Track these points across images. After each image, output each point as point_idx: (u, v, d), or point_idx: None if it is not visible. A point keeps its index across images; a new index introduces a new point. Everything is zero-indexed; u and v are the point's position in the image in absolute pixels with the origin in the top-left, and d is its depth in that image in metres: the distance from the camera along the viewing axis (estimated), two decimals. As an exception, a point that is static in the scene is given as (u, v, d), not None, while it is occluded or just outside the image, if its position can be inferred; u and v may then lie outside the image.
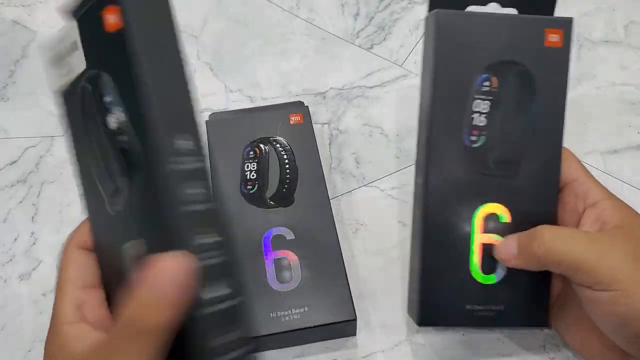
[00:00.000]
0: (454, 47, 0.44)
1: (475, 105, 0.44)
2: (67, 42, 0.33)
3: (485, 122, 0.44)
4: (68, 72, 0.34)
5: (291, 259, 0.53)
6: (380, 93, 0.68)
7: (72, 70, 0.34)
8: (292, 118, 0.62)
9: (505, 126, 0.45)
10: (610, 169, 0.61)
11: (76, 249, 0.37)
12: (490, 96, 0.44)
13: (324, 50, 0.73)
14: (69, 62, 0.34)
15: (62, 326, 0.35)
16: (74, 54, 0.33)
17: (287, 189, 0.57)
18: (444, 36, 0.44)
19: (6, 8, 0.78)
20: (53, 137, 0.66)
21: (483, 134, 0.45)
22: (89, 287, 0.37)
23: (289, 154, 0.59)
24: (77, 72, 0.33)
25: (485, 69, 0.44)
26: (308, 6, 0.77)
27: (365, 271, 0.56)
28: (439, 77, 0.44)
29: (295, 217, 0.55)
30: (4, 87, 0.71)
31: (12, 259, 0.58)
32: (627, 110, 0.65)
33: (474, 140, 0.45)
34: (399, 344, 0.52)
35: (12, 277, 0.57)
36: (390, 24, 0.74)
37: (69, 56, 0.34)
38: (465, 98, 0.44)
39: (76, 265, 0.36)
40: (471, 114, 0.44)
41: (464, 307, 0.47)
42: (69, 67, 0.34)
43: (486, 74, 0.44)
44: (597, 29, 0.72)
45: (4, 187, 0.63)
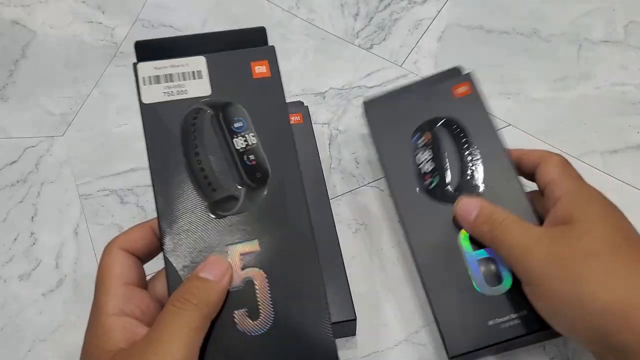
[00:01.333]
0: (385, 124, 0.55)
1: (418, 158, 0.52)
2: (187, 69, 0.41)
3: (432, 167, 0.52)
4: (178, 92, 0.41)
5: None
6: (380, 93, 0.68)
7: (185, 92, 0.41)
8: (292, 118, 0.61)
9: (451, 165, 0.52)
10: (610, 169, 0.61)
11: (120, 250, 0.38)
12: (429, 147, 0.53)
13: (324, 50, 0.73)
14: (184, 85, 0.41)
15: (106, 317, 0.36)
16: (195, 81, 0.41)
17: None
18: (374, 121, 0.55)
19: (6, 8, 0.78)
20: (53, 137, 0.66)
21: (435, 175, 0.52)
22: (132, 285, 0.38)
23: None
24: (193, 96, 0.41)
25: (416, 129, 0.54)
26: (308, 6, 0.77)
27: (365, 271, 0.56)
28: (382, 149, 0.54)
29: None
30: (3, 87, 0.71)
31: (11, 259, 0.58)
32: (627, 110, 0.65)
33: (430, 182, 0.52)
34: (399, 344, 0.52)
35: (12, 277, 0.57)
36: (390, 24, 0.74)
37: (185, 80, 0.41)
38: (409, 156, 0.53)
39: (120, 264, 0.38)
40: (418, 165, 0.52)
41: (485, 324, 0.46)
42: (182, 89, 0.41)
43: (418, 132, 0.54)
44: (597, 29, 0.72)
45: (3, 187, 0.63)
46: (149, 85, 0.41)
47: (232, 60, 0.42)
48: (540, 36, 0.72)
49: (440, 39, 0.72)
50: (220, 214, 0.40)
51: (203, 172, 0.40)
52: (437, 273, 0.49)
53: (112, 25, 0.76)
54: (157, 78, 0.41)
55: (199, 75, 0.42)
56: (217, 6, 0.77)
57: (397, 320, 0.53)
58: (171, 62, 0.41)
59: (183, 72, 0.41)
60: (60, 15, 0.77)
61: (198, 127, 0.41)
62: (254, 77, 0.42)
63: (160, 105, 0.41)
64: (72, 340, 0.53)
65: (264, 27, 0.43)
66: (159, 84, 0.41)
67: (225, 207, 0.40)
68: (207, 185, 0.40)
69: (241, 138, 0.41)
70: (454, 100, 0.54)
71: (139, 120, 0.41)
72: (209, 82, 0.42)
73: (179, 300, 0.35)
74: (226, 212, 0.40)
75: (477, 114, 0.53)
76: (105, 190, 0.62)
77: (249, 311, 0.38)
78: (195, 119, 0.41)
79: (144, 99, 0.41)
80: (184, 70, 0.41)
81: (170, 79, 0.41)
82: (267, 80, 0.43)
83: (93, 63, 0.73)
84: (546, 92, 0.67)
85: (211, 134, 0.41)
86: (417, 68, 0.70)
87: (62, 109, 0.69)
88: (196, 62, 0.42)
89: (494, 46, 0.71)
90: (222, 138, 0.41)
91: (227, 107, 0.41)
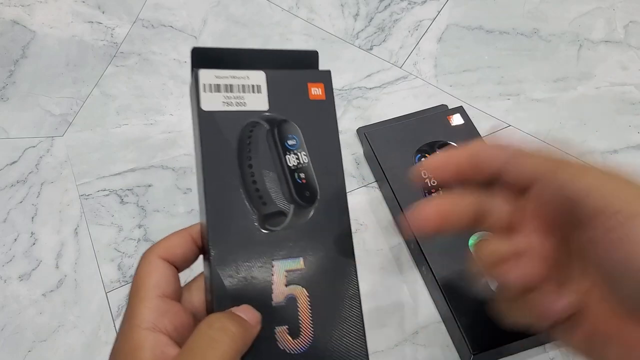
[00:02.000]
0: (386, 146, 0.60)
1: (423, 174, 0.53)
2: (247, 82, 0.42)
3: (435, 182, 0.52)
4: (237, 104, 0.41)
5: None
6: (379, 94, 0.68)
7: (244, 104, 0.41)
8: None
9: None
10: (610, 169, 0.61)
11: (158, 259, 0.37)
12: None
13: (324, 50, 0.73)
14: (243, 97, 0.42)
15: (139, 330, 0.34)
16: (254, 94, 0.42)
17: None
18: (378, 142, 0.60)
19: (6, 8, 0.78)
20: (53, 138, 0.66)
21: (440, 189, 0.55)
22: (168, 297, 0.36)
23: None
24: (252, 109, 0.41)
25: (416, 151, 0.59)
26: (308, 6, 0.77)
27: (365, 271, 0.56)
28: (388, 168, 0.59)
29: None
30: (3, 87, 0.71)
31: (12, 259, 0.58)
32: (627, 110, 0.65)
33: None
34: (398, 344, 0.52)
35: (12, 278, 0.57)
36: (390, 25, 0.74)
37: (245, 93, 0.42)
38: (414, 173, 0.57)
39: (158, 273, 0.36)
40: (424, 180, 0.55)
41: None
42: (241, 101, 0.41)
43: (419, 154, 0.59)
44: (597, 28, 0.72)
45: (3, 187, 0.63)
46: (209, 92, 0.41)
47: (291, 79, 0.43)
48: (540, 36, 0.72)
49: (440, 40, 0.72)
50: (268, 227, 0.40)
51: (255, 185, 0.41)
52: (451, 275, 0.51)
53: (112, 25, 0.76)
54: (218, 87, 0.41)
55: (259, 89, 0.42)
56: (217, 6, 0.77)
57: (397, 320, 0.53)
58: (232, 73, 0.41)
59: (243, 85, 0.42)
60: (60, 15, 0.77)
61: (254, 141, 0.41)
62: (310, 98, 0.43)
63: (219, 114, 0.41)
64: (72, 341, 0.53)
65: (317, 51, 0.44)
66: (219, 92, 0.41)
67: (274, 222, 0.40)
68: (258, 198, 0.40)
69: (294, 155, 0.41)
70: (450, 127, 0.61)
71: (139, 120, 0.41)
72: (267, 97, 0.42)
73: (216, 325, 0.33)
74: (274, 227, 0.40)
75: (472, 139, 0.60)
76: (105, 190, 0.62)
77: (289, 329, 0.37)
78: (251, 132, 0.41)
79: (203, 105, 0.41)
80: (244, 82, 0.42)
81: (230, 89, 0.41)
82: (322, 103, 0.43)
83: (93, 63, 0.73)
84: (546, 92, 0.67)
85: (265, 148, 0.41)
86: (417, 70, 0.70)
87: (62, 109, 0.69)
88: (256, 76, 0.42)
89: (494, 46, 0.71)
90: (275, 154, 0.41)
91: (283, 123, 0.42)
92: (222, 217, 0.40)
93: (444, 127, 0.61)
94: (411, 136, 0.60)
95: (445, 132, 0.60)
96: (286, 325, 0.37)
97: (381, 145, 0.60)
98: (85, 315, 0.54)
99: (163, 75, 0.71)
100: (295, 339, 0.37)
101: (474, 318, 0.49)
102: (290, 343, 0.37)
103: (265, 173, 0.41)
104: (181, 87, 0.70)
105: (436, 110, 0.64)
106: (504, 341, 0.48)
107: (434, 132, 0.60)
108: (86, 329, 0.53)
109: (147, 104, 0.68)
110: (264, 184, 0.41)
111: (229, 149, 0.41)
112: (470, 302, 0.50)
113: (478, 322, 0.49)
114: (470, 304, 0.50)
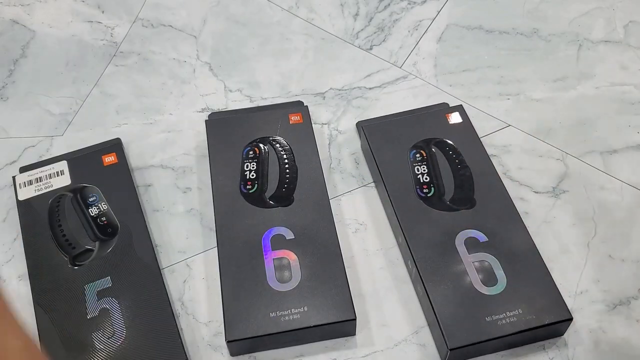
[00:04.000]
0: (383, 141, 0.60)
1: (416, 169, 0.58)
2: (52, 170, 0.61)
3: (428, 179, 0.57)
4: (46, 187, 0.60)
5: (291, 258, 0.53)
6: (379, 94, 0.68)
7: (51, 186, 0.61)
8: (291, 117, 0.61)
9: (445, 178, 0.57)
10: (610, 169, 0.61)
11: None
12: (424, 162, 0.59)
13: (324, 50, 0.73)
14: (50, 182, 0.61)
15: None
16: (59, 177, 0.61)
17: (287, 188, 0.57)
18: (374, 136, 0.61)
19: (5, 7, 0.78)
20: (52, 137, 0.66)
21: (432, 186, 0.57)
22: None
23: (288, 154, 0.59)
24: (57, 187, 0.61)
25: (412, 147, 0.60)
26: (308, 6, 0.77)
27: (365, 271, 0.56)
28: (382, 162, 0.59)
29: (295, 216, 0.55)
30: (3, 86, 0.71)
31: (11, 259, 0.58)
32: (627, 110, 0.65)
33: (427, 192, 0.56)
34: (398, 344, 0.52)
35: (11, 277, 0.57)
36: (390, 25, 0.74)
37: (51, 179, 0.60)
38: (407, 167, 0.59)
39: None
40: (416, 176, 0.58)
41: (484, 319, 0.49)
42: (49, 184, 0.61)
43: (414, 149, 0.59)
44: (597, 28, 0.72)
45: (3, 186, 0.63)
46: (25, 187, 0.59)
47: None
48: (540, 36, 0.72)
49: (440, 40, 0.72)
50: (78, 264, 0.54)
51: (65, 237, 0.56)
52: (435, 271, 0.52)
53: (111, 24, 0.76)
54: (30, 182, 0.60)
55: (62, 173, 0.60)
56: (217, 6, 0.77)
57: (397, 320, 0.53)
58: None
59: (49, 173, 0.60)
60: (60, 15, 0.77)
61: (61, 208, 0.58)
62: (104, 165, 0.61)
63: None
64: (71, 340, 0.53)
65: None
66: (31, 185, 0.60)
67: (83, 258, 0.55)
68: (68, 245, 0.55)
69: (95, 207, 0.58)
70: (448, 125, 0.61)
71: (139, 119, 0.41)
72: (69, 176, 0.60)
73: None
74: (84, 261, 0.54)
75: (469, 139, 0.60)
76: (104, 190, 0.62)
77: (104, 332, 0.50)
78: (59, 202, 0.58)
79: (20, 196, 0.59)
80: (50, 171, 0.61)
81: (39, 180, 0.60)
82: (116, 166, 0.61)
83: (93, 62, 0.72)
84: (546, 92, 0.67)
85: (71, 209, 0.58)
86: (417, 69, 0.70)
87: (61, 108, 0.69)
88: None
89: (493, 46, 0.71)
90: (79, 210, 0.57)
91: (84, 188, 0.59)
92: (39, 266, 0.55)
93: (441, 124, 0.61)
94: (408, 132, 0.61)
95: (442, 129, 0.61)
96: (100, 331, 0.50)
97: (377, 139, 0.60)
98: (85, 315, 0.54)
99: (162, 75, 0.71)
100: (109, 339, 0.50)
101: (453, 312, 0.49)
102: (106, 342, 0.50)
103: (72, 227, 0.56)
104: (180, 86, 0.70)
105: (436, 108, 0.64)
106: (482, 339, 0.48)
107: (432, 129, 0.61)
108: (86, 329, 0.53)
109: (147, 103, 0.68)
110: (71, 234, 0.56)
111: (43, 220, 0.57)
112: (451, 298, 0.50)
113: (457, 316, 0.49)
114: (451, 300, 0.50)
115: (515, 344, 0.50)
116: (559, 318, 0.48)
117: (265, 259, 0.52)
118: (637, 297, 0.53)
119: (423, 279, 0.51)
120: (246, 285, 0.51)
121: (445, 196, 0.56)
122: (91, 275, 0.54)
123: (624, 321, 0.51)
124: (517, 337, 0.48)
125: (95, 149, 0.62)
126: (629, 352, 0.50)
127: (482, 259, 0.52)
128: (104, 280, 0.53)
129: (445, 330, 0.48)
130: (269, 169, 0.58)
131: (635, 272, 0.54)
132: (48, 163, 0.61)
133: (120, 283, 0.53)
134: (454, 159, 0.58)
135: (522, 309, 0.49)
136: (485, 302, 0.49)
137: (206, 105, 0.68)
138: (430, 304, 0.50)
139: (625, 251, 0.55)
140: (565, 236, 0.56)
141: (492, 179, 0.57)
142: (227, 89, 0.69)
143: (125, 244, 0.55)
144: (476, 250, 0.52)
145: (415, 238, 0.53)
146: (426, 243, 0.53)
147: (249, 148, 0.59)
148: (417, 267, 0.52)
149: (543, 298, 0.49)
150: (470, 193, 0.56)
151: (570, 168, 0.61)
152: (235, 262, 0.52)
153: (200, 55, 0.72)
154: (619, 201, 0.58)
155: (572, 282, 0.54)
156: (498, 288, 0.50)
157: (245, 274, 0.52)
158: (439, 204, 0.55)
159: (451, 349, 0.48)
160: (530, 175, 0.61)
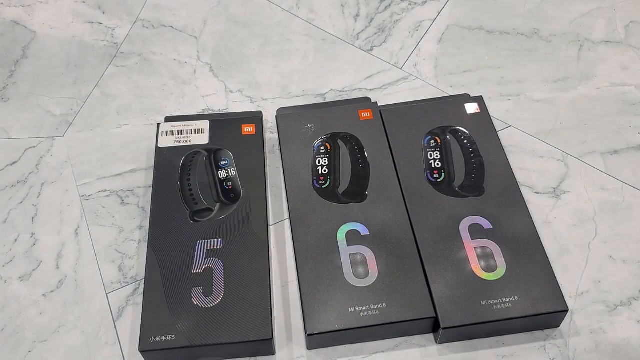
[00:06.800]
0: (401, 126, 0.61)
1: (429, 155, 0.59)
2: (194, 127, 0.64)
3: (440, 165, 0.58)
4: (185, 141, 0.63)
5: (366, 254, 0.52)
6: (380, 96, 0.68)
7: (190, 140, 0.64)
8: (361, 114, 0.62)
9: (457, 165, 0.58)
10: (611, 169, 0.61)
11: None
12: (438, 148, 0.60)
13: (324, 51, 0.73)
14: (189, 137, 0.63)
15: None
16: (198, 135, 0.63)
17: (360, 184, 0.57)
18: (391, 121, 0.62)
19: (6, 8, 0.78)
20: (53, 138, 0.66)
21: (442, 172, 0.58)
22: None
23: (361, 150, 0.60)
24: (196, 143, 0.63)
25: (428, 133, 0.61)
26: (308, 6, 0.77)
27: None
28: (396, 145, 0.60)
29: (370, 213, 0.55)
30: (4, 87, 0.71)
31: (12, 260, 0.58)
32: (627, 110, 0.65)
33: (437, 177, 0.57)
34: (398, 344, 0.52)
35: (12, 278, 0.57)
36: (391, 26, 0.74)
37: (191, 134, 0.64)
38: (421, 152, 0.60)
39: None
40: (428, 161, 0.59)
41: (479, 302, 0.50)
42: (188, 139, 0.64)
43: (429, 135, 0.60)
44: (598, 28, 0.72)
45: (4, 187, 0.63)
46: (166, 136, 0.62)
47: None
48: (540, 36, 0.72)
49: (441, 41, 0.72)
50: (196, 219, 0.56)
51: (190, 191, 0.59)
52: (436, 252, 0.53)
53: (112, 25, 0.76)
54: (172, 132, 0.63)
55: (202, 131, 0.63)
56: (218, 6, 0.77)
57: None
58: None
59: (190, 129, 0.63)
60: (61, 16, 0.77)
61: (194, 163, 0.60)
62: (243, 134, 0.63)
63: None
64: (72, 341, 0.53)
65: None
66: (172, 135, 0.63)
67: (202, 216, 0.57)
68: (192, 200, 0.58)
69: (224, 171, 0.60)
70: (466, 115, 0.62)
71: (139, 120, 0.41)
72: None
73: None
74: (202, 219, 0.56)
75: (485, 130, 0.60)
76: (105, 191, 0.62)
77: (204, 289, 0.52)
78: (193, 157, 0.61)
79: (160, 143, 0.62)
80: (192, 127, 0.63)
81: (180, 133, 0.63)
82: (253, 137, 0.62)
83: (93, 63, 0.73)
84: (546, 92, 0.67)
85: (202, 167, 0.60)
86: (418, 71, 0.70)
87: (62, 109, 0.69)
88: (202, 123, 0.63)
89: (494, 47, 0.71)
90: (209, 170, 0.60)
91: (218, 150, 0.61)
92: (161, 212, 0.57)
93: (459, 113, 0.62)
94: (426, 118, 0.62)
95: (459, 118, 0.61)
96: (201, 287, 0.52)
97: (394, 123, 0.61)
98: (86, 315, 0.54)
99: (163, 76, 0.71)
100: (207, 297, 0.52)
101: (449, 294, 0.50)
102: (203, 300, 0.51)
103: (199, 184, 0.59)
104: (181, 87, 0.70)
105: (456, 98, 0.64)
106: (475, 321, 0.49)
107: (449, 118, 0.61)
108: (86, 330, 0.53)
109: (148, 104, 0.68)
110: (197, 190, 0.58)
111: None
112: (448, 280, 0.51)
113: (452, 298, 0.50)
114: (448, 282, 0.51)
115: (509, 331, 0.51)
116: (555, 309, 0.49)
117: (341, 254, 0.53)
118: (638, 297, 0.53)
119: (423, 260, 0.52)
120: (324, 280, 0.52)
121: (455, 183, 0.56)
122: (205, 233, 0.56)
123: (624, 322, 0.51)
124: (511, 323, 0.49)
125: (237, 116, 0.65)
126: (630, 352, 0.50)
127: (485, 245, 0.52)
128: (216, 241, 0.55)
129: (440, 309, 0.49)
130: (341, 164, 0.59)
131: (636, 273, 0.54)
132: (193, 119, 0.64)
133: (230, 248, 0.55)
134: (467, 148, 0.59)
135: (518, 296, 0.49)
136: (482, 287, 0.50)
137: (207, 106, 0.68)
138: (427, 283, 0.51)
139: (626, 252, 0.55)
140: (566, 237, 0.56)
141: (504, 170, 0.57)
142: (227, 90, 0.70)
143: (243, 213, 0.57)
144: (479, 236, 0.53)
145: (420, 221, 0.54)
146: (430, 226, 0.54)
147: (320, 143, 0.60)
148: (419, 248, 0.53)
149: (541, 288, 0.50)
150: (480, 181, 0.56)
151: (571, 169, 0.61)
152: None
153: (200, 56, 0.72)
154: (620, 202, 0.58)
155: (573, 282, 0.54)
156: (497, 274, 0.51)
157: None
158: (448, 190, 0.56)
159: (444, 328, 0.48)
160: (530, 176, 0.61)
